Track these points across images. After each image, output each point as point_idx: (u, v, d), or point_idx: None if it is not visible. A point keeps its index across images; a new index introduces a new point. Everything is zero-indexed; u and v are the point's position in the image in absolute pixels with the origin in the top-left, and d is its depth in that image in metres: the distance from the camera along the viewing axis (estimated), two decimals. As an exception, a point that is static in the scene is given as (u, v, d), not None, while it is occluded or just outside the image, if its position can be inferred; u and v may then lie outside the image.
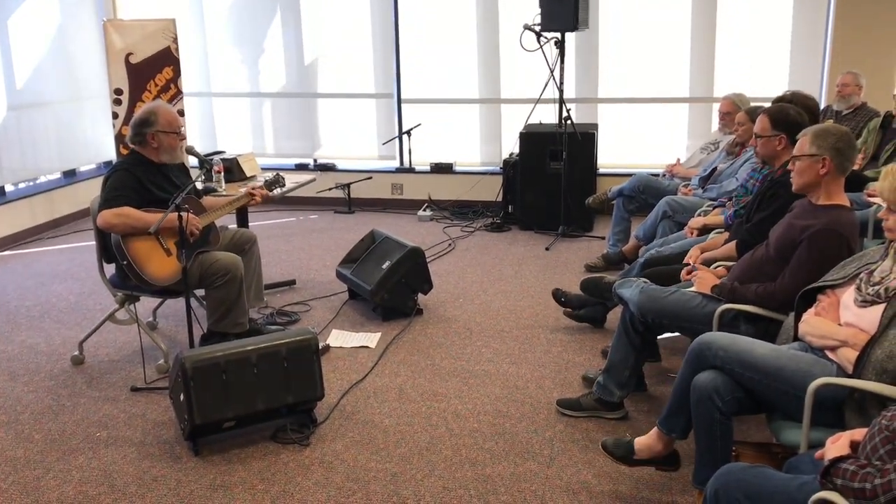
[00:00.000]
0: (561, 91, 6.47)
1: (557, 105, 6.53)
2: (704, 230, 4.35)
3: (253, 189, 4.31)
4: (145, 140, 3.98)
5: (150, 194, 3.93)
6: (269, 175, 4.59)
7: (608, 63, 7.44)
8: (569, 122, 6.44)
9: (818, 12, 6.99)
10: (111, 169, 4.02)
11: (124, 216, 3.81)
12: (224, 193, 4.87)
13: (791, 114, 3.60)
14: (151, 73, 6.85)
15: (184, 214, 3.61)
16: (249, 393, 3.29)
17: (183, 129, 4.07)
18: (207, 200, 4.31)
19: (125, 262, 3.84)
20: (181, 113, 6.90)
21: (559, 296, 4.61)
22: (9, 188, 6.99)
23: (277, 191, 4.55)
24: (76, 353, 4.26)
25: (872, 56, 6.73)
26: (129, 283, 3.99)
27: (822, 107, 6.60)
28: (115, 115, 6.87)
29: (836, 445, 1.99)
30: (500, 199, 7.23)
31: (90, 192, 6.87)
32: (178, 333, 4.64)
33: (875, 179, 4.38)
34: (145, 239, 3.84)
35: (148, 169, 3.99)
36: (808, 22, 7.03)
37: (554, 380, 3.95)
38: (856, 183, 4.60)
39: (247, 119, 8.30)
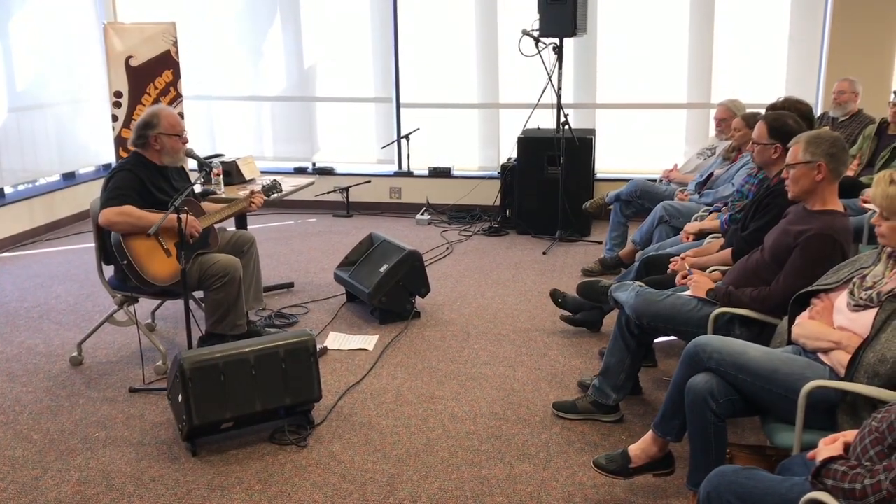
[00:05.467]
0: (559, 96, 6.51)
1: (555, 110, 6.57)
2: (700, 235, 4.38)
3: (251, 195, 4.35)
4: (148, 142, 4.02)
5: (151, 196, 3.95)
6: (267, 180, 4.61)
7: (606, 69, 7.47)
8: (567, 127, 6.48)
9: (815, 19, 7.03)
10: (113, 169, 4.06)
11: (126, 214, 3.83)
12: (223, 196, 4.90)
13: (789, 123, 3.61)
14: (151, 76, 6.87)
15: (183, 216, 3.63)
16: (247, 394, 3.31)
17: (185, 132, 4.11)
18: (206, 205, 4.34)
19: (125, 262, 3.86)
20: (181, 116, 6.92)
21: (557, 296, 4.63)
22: (8, 190, 7.00)
23: (274, 196, 4.57)
24: (75, 354, 4.28)
25: (868, 62, 6.77)
26: (129, 284, 4.01)
27: (818, 113, 6.64)
28: (114, 118, 6.89)
29: (830, 447, 2.01)
30: (497, 203, 7.26)
31: (89, 194, 6.89)
32: (176, 335, 4.66)
33: (871, 185, 4.43)
34: (146, 239, 3.85)
35: (149, 170, 4.03)
36: (805, 28, 7.07)
37: (550, 383, 3.97)
38: (852, 189, 4.63)
39: (246, 122, 8.32)
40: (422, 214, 7.49)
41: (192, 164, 4.36)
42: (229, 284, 4.00)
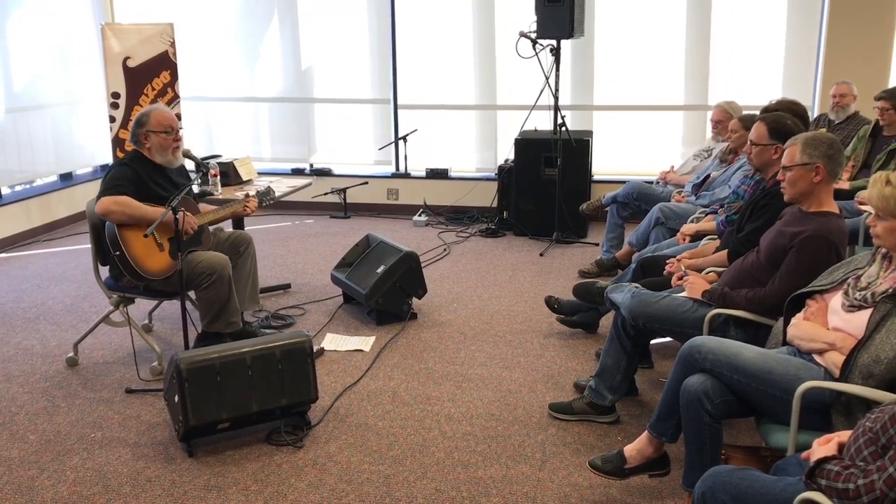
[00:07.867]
0: (556, 98, 6.51)
1: (552, 112, 6.58)
2: (697, 236, 4.39)
3: (246, 198, 4.40)
4: (139, 139, 4.09)
5: (148, 190, 3.99)
6: (262, 185, 4.63)
7: (603, 70, 7.48)
8: (564, 128, 6.49)
9: (811, 21, 7.04)
10: (113, 164, 4.13)
11: (123, 205, 3.86)
12: (220, 197, 4.92)
13: (788, 124, 3.62)
14: (149, 77, 6.88)
15: (180, 215, 3.64)
16: (244, 395, 3.31)
17: (180, 130, 4.13)
18: (201, 206, 4.37)
19: (118, 253, 3.86)
20: (178, 117, 6.92)
21: (552, 303, 4.64)
22: (5, 191, 7.00)
23: (267, 202, 4.60)
24: (71, 354, 4.28)
25: (865, 64, 6.78)
26: (123, 281, 4.02)
27: (815, 115, 6.65)
28: (112, 119, 6.90)
29: (824, 447, 2.02)
30: (495, 204, 7.26)
31: (86, 195, 6.90)
32: (173, 336, 4.66)
33: (866, 187, 4.44)
34: (141, 231, 3.87)
35: (148, 167, 4.07)
36: (801, 30, 7.08)
37: (546, 384, 3.98)
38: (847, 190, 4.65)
39: (244, 123, 8.32)
40: (419, 216, 7.49)
41: (190, 164, 4.38)
42: (218, 282, 4.00)
